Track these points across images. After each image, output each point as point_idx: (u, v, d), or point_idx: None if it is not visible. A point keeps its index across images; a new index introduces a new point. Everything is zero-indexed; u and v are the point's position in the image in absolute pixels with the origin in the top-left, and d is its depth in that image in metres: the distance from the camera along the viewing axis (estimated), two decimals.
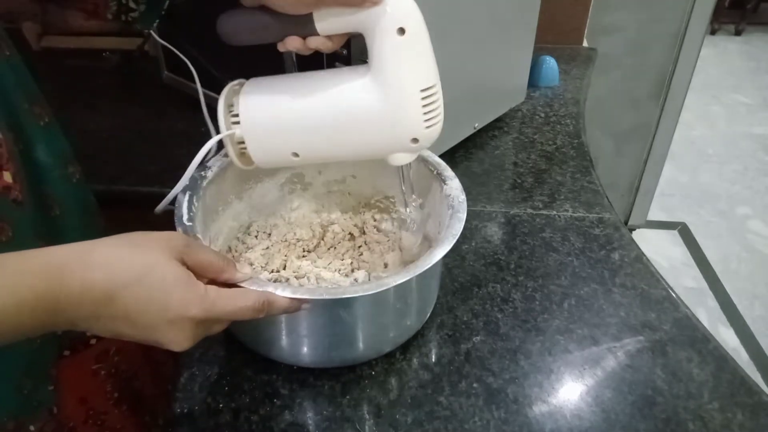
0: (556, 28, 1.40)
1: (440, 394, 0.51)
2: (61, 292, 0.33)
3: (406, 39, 0.43)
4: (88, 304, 0.34)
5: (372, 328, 0.52)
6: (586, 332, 0.58)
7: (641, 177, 1.90)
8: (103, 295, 0.34)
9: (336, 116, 0.47)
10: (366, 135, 0.48)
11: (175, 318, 0.36)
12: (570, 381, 0.53)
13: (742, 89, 3.37)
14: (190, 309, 0.36)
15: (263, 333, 0.52)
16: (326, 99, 0.47)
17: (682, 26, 1.61)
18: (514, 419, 0.49)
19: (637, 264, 0.67)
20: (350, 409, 0.50)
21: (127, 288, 0.34)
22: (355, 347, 0.52)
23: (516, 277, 0.65)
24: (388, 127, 0.46)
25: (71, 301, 0.33)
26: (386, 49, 0.43)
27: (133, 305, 0.35)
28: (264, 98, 0.48)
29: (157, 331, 0.36)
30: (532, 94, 1.12)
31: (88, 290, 0.33)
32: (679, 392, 0.51)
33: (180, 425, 0.49)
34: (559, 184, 0.83)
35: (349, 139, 0.48)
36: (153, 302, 0.35)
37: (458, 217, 0.51)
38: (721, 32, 4.12)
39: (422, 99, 0.44)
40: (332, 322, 0.49)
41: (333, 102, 0.46)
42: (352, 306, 0.48)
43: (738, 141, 2.81)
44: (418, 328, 0.56)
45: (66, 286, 0.33)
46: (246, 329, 0.54)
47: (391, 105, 0.45)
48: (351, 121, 0.47)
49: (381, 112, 0.46)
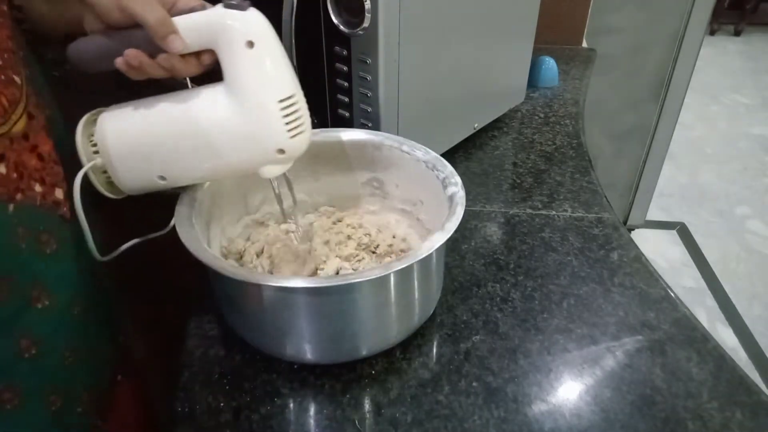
0: (555, 29, 1.40)
1: (440, 393, 0.51)
2: None
3: (255, 52, 0.43)
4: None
5: (374, 320, 0.52)
6: (585, 332, 0.58)
7: (640, 177, 1.90)
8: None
9: (194, 134, 0.47)
10: (229, 150, 0.47)
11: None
12: (569, 380, 0.53)
13: (742, 89, 3.38)
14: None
15: (266, 328, 0.52)
16: (182, 119, 0.47)
17: (681, 27, 1.61)
18: (513, 418, 0.49)
19: (636, 264, 0.67)
20: (350, 408, 0.50)
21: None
22: (354, 341, 0.52)
23: (515, 276, 0.65)
24: (251, 140, 0.47)
25: None
26: (237, 63, 0.44)
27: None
28: (120, 124, 0.48)
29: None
30: (532, 95, 1.12)
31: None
32: (678, 391, 0.51)
33: (181, 424, 0.49)
34: (559, 184, 0.83)
35: (213, 156, 0.48)
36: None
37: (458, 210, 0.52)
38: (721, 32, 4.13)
39: (281, 110, 0.45)
40: (332, 312, 0.49)
41: (189, 121, 0.46)
42: (353, 292, 0.48)
43: (737, 141, 2.81)
44: (420, 324, 0.56)
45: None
46: (248, 325, 0.54)
47: (249, 118, 0.45)
48: (210, 139, 0.47)
49: (239, 126, 0.46)
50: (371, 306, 0.50)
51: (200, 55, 0.46)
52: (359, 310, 0.50)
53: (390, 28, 0.63)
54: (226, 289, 0.52)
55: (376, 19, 0.62)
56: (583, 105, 1.11)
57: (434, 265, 0.55)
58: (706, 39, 1.67)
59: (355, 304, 0.49)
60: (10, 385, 0.40)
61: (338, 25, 0.65)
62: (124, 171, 0.49)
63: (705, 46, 1.65)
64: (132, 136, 0.48)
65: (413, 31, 0.67)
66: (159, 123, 0.47)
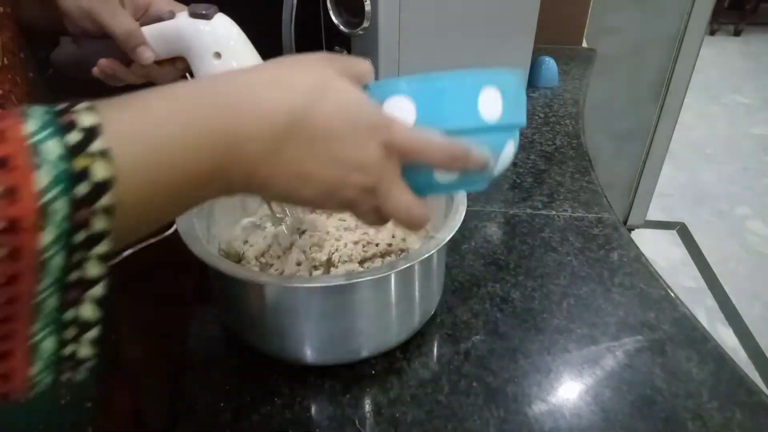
0: (555, 29, 1.40)
1: (440, 393, 0.51)
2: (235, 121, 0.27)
3: (223, 62, 0.44)
4: (267, 130, 0.28)
5: (374, 320, 0.52)
6: (585, 332, 0.58)
7: (640, 177, 1.90)
8: (286, 116, 0.28)
9: None
10: None
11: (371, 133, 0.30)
12: (569, 380, 0.53)
13: (742, 89, 3.38)
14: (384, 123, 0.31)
15: (266, 329, 0.52)
16: None
17: (681, 27, 1.61)
18: (513, 418, 0.49)
19: (636, 264, 0.67)
20: (351, 408, 0.50)
21: (316, 101, 0.29)
22: (355, 342, 0.52)
23: (515, 276, 0.65)
24: None
25: (248, 131, 0.27)
26: (206, 72, 0.44)
27: (330, 112, 0.29)
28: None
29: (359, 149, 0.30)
30: (532, 95, 1.12)
31: (267, 112, 0.28)
32: (678, 391, 0.51)
33: (181, 424, 0.49)
34: (559, 184, 0.83)
35: None
36: (346, 113, 0.29)
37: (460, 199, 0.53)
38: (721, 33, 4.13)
39: None
40: (332, 312, 0.49)
41: None
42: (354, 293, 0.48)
43: (737, 141, 2.82)
44: (421, 324, 0.56)
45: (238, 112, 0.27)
46: (248, 325, 0.54)
47: None
48: None
49: None
50: (372, 306, 0.50)
51: (175, 61, 0.46)
52: (359, 310, 0.50)
53: (390, 28, 0.63)
54: (227, 289, 0.52)
55: (376, 19, 0.62)
56: (583, 105, 1.11)
57: (435, 265, 0.55)
58: (706, 39, 1.67)
59: (356, 304, 0.49)
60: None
61: (338, 25, 0.65)
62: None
63: (705, 46, 1.65)
64: None
65: (413, 31, 0.67)
66: None
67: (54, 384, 0.25)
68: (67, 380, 0.25)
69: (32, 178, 0.20)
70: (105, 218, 0.23)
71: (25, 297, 0.22)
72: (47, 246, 0.21)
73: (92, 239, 0.23)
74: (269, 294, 0.48)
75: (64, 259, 0.22)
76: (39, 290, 0.22)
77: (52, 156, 0.21)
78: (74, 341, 0.25)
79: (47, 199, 0.21)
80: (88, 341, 0.25)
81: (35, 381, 0.24)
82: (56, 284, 0.23)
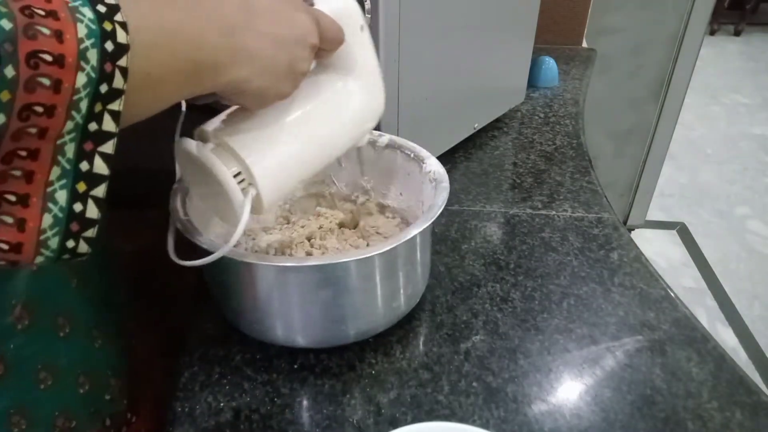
0: (555, 29, 1.40)
1: (440, 393, 0.51)
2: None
3: (366, 33, 0.48)
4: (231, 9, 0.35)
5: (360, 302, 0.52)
6: (585, 331, 0.58)
7: (640, 177, 1.90)
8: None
9: (341, 131, 0.49)
10: (356, 131, 0.51)
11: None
12: (569, 380, 0.53)
13: (742, 89, 3.38)
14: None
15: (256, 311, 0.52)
16: (331, 123, 0.48)
17: (681, 27, 1.61)
18: (513, 418, 0.49)
19: (635, 264, 0.67)
20: (350, 408, 0.50)
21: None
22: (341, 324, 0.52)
23: (515, 276, 0.65)
24: (374, 113, 0.51)
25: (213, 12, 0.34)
26: (357, 45, 0.48)
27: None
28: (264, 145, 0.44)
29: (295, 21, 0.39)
30: (532, 95, 1.13)
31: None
32: (678, 391, 0.51)
33: (181, 425, 0.49)
34: (558, 184, 0.83)
35: (348, 141, 0.50)
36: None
37: (443, 187, 0.54)
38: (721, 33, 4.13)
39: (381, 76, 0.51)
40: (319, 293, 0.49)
41: (338, 121, 0.49)
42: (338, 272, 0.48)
43: (737, 141, 2.82)
44: (408, 310, 0.57)
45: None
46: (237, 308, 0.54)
47: (372, 93, 0.50)
48: (348, 127, 0.50)
49: (367, 103, 0.50)
50: (357, 287, 0.50)
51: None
52: (344, 290, 0.50)
53: (390, 27, 0.63)
54: (215, 274, 0.53)
55: (376, 18, 0.62)
56: (583, 105, 1.11)
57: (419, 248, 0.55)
58: (706, 39, 1.67)
59: (341, 284, 0.49)
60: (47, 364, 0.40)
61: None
62: (270, 192, 0.44)
63: (705, 46, 1.65)
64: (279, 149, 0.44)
65: (413, 31, 0.67)
66: (304, 135, 0.45)
67: (58, 256, 0.28)
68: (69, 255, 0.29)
69: (75, 28, 0.25)
70: (122, 77, 0.27)
71: (54, 133, 0.26)
72: (80, 87, 0.26)
73: (111, 94, 0.27)
74: (254, 273, 0.49)
75: (88, 106, 0.27)
76: (65, 131, 0.26)
77: (87, 17, 0.26)
78: (83, 199, 0.29)
79: (84, 46, 0.25)
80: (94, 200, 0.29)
81: (44, 238, 0.27)
82: (77, 131, 0.27)
